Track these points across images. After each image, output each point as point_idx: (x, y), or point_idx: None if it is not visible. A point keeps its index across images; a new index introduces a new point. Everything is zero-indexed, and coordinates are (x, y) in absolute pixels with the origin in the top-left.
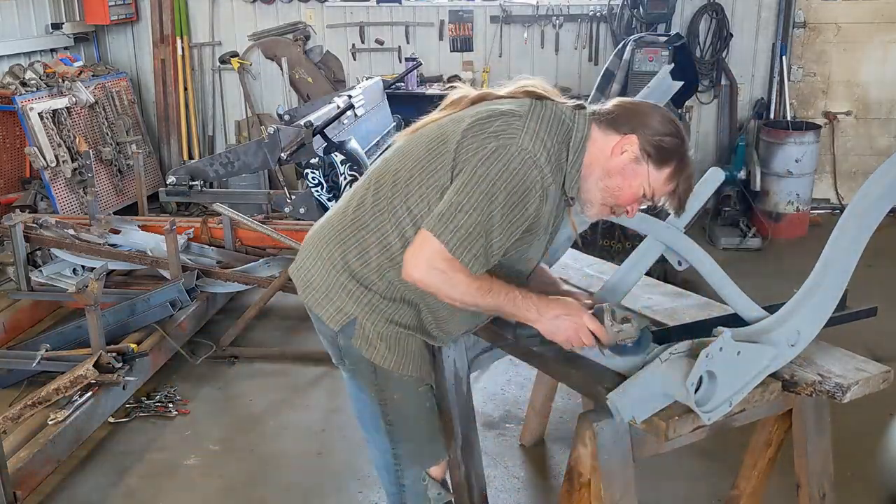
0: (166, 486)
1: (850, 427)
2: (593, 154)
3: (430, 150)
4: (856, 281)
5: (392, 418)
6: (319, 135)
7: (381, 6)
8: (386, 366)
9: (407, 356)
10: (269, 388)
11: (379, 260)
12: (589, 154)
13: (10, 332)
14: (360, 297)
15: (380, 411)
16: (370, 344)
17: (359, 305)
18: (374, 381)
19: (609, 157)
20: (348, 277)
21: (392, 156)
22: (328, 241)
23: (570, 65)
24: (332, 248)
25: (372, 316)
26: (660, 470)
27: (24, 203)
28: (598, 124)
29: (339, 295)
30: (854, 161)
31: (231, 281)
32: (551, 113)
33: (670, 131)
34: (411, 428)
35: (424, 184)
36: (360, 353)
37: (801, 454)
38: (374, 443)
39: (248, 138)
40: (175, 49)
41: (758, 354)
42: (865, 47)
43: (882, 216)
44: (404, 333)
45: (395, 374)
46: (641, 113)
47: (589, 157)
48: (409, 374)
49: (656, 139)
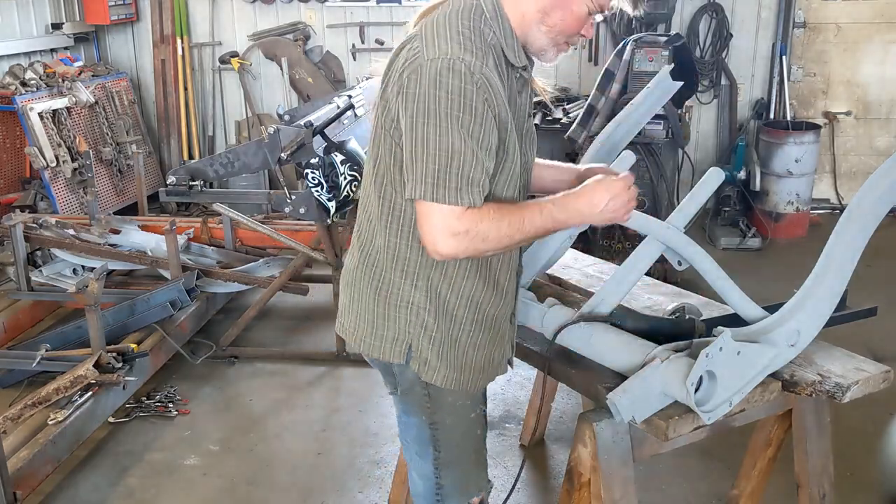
0: (166, 486)
1: (850, 427)
2: (517, 8)
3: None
4: (856, 281)
5: (441, 445)
6: (319, 135)
7: (381, 6)
8: (446, 384)
9: (466, 371)
10: (269, 388)
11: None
12: (513, 11)
13: (10, 332)
14: (406, 316)
15: (429, 436)
16: (428, 365)
17: (409, 326)
18: (426, 404)
19: None
20: (385, 302)
21: None
22: (356, 272)
23: (569, 65)
24: (362, 279)
25: (424, 335)
26: (660, 470)
27: (24, 203)
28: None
29: (387, 322)
30: (854, 161)
31: (231, 281)
32: (448, 8)
33: None
34: (460, 455)
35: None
36: (417, 377)
37: (801, 454)
38: (419, 469)
39: (248, 138)
40: (175, 49)
41: (758, 354)
42: (865, 47)
43: (882, 216)
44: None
45: (450, 398)
46: None
47: (515, 14)
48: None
49: None
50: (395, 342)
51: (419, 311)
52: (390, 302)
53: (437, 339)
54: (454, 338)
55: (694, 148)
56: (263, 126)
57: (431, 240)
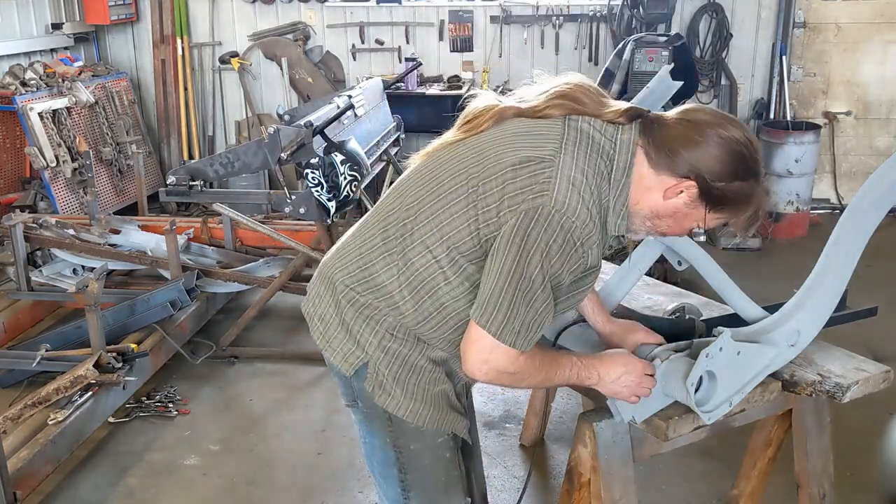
0: (166, 486)
1: (850, 427)
2: (640, 190)
3: (448, 191)
4: (856, 281)
5: (407, 468)
6: (319, 135)
7: (381, 6)
8: (401, 415)
9: (426, 404)
10: (269, 388)
11: (382, 301)
12: (635, 190)
13: (10, 332)
14: (369, 335)
15: (394, 460)
16: (384, 389)
17: (370, 346)
18: (388, 427)
19: (660, 199)
20: (355, 314)
21: (405, 186)
22: (337, 272)
23: (570, 65)
24: (340, 279)
25: (386, 358)
26: (660, 470)
27: (24, 203)
28: (648, 154)
29: (349, 333)
30: (854, 161)
31: (231, 281)
32: (588, 140)
33: (739, 174)
34: (427, 479)
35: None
36: (374, 400)
37: (801, 454)
38: (384, 491)
39: (248, 138)
40: (175, 49)
41: (758, 354)
42: (865, 47)
43: (882, 216)
44: (424, 376)
45: (412, 424)
46: (706, 147)
47: (635, 193)
48: (427, 427)
49: (720, 186)
50: (352, 354)
51: (384, 335)
52: (362, 314)
53: (397, 364)
54: (413, 364)
55: None
56: (263, 126)
57: (475, 363)
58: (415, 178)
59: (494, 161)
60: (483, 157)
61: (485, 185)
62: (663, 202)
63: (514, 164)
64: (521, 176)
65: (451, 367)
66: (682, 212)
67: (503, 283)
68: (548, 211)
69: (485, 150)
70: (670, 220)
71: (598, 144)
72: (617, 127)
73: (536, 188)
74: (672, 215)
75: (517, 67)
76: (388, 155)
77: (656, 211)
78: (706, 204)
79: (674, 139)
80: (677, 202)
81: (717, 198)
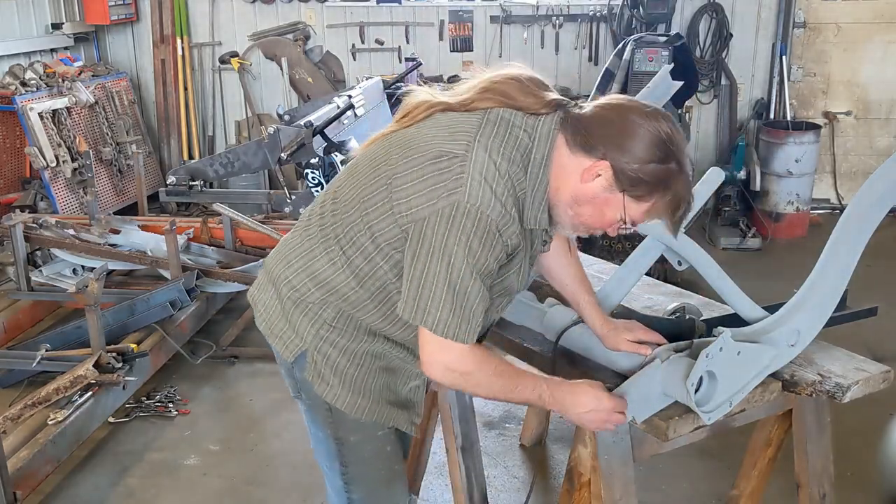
0: (166, 486)
1: (850, 427)
2: (559, 177)
3: (369, 180)
4: (856, 281)
5: (347, 460)
6: (319, 135)
7: (381, 6)
8: (339, 406)
9: (364, 396)
10: (269, 388)
11: (323, 288)
12: (555, 179)
13: (10, 332)
14: (307, 325)
15: (335, 451)
16: (322, 379)
17: (308, 335)
18: (329, 419)
19: (578, 183)
20: (294, 304)
21: (341, 179)
22: (278, 261)
23: (570, 65)
24: (280, 270)
25: (323, 346)
26: (660, 470)
27: (24, 203)
28: (567, 140)
29: (289, 322)
30: (854, 161)
31: (231, 281)
32: (504, 133)
33: (655, 157)
34: (368, 472)
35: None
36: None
37: (801, 454)
38: (330, 481)
39: (248, 138)
40: (175, 49)
41: (758, 354)
42: (865, 47)
43: (882, 216)
44: (363, 368)
45: (351, 415)
46: (622, 130)
47: (554, 181)
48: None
49: (633, 168)
50: (291, 342)
51: (322, 324)
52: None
53: (335, 353)
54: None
55: (694, 148)
56: (263, 126)
57: (427, 364)
58: (349, 171)
59: (413, 155)
60: (404, 151)
61: (400, 179)
62: (581, 186)
63: (430, 160)
64: (434, 171)
65: (393, 361)
66: (600, 197)
67: (431, 281)
68: (463, 207)
69: (408, 143)
70: (590, 208)
71: (514, 137)
72: (537, 118)
73: (451, 184)
74: (591, 201)
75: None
76: None
77: (576, 196)
78: (622, 187)
79: (591, 120)
80: (595, 186)
81: (632, 179)
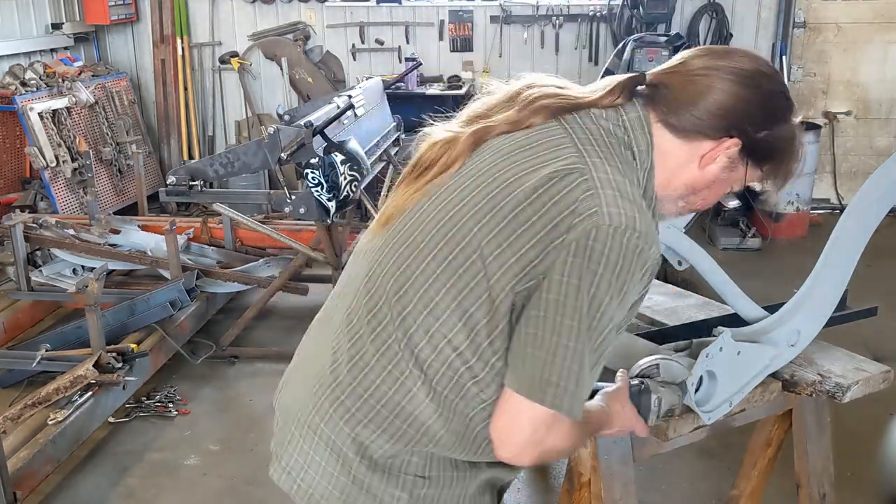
0: (166, 486)
1: (850, 427)
2: (669, 169)
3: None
4: (856, 281)
5: None
6: (319, 135)
7: (381, 6)
8: None
9: None
10: (269, 388)
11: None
12: (662, 167)
13: (10, 332)
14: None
15: None
16: None
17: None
18: None
19: (695, 170)
20: (372, 468)
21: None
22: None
23: (570, 65)
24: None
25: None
26: (660, 470)
27: (24, 203)
28: (668, 123)
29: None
30: (854, 161)
31: (231, 281)
32: (599, 132)
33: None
34: None
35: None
36: None
37: (801, 454)
38: None
39: (248, 138)
40: (175, 49)
41: (758, 354)
42: (865, 47)
43: (882, 216)
44: None
45: None
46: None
47: (663, 172)
48: None
49: (764, 135)
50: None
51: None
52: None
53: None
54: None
55: None
56: (263, 126)
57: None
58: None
59: (497, 200)
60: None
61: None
62: (700, 173)
63: (532, 191)
64: (550, 199)
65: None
66: (720, 178)
67: (563, 339)
68: (605, 232)
69: (476, 189)
70: (706, 192)
71: (612, 135)
72: (617, 109)
73: (580, 207)
74: (709, 186)
75: (517, 67)
76: (388, 155)
77: (693, 185)
78: (750, 161)
79: (693, 95)
80: (714, 168)
81: (764, 150)
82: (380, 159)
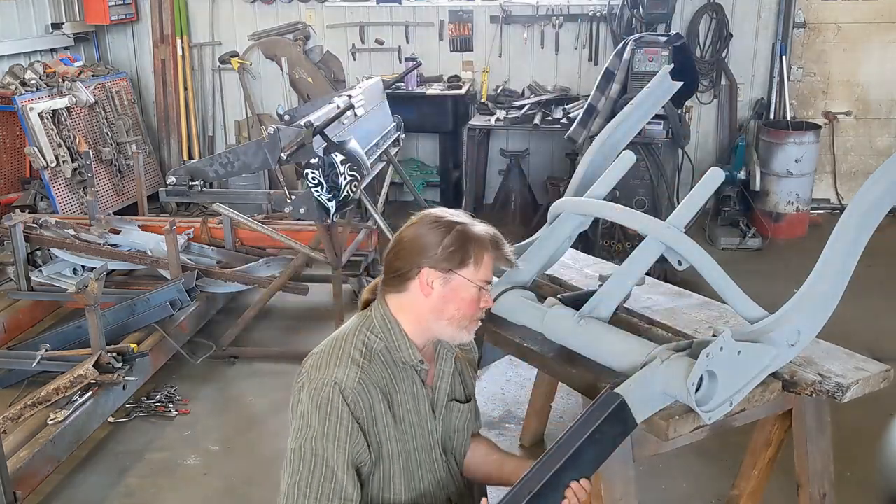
0: (166, 486)
1: (850, 427)
2: (411, 314)
3: None
4: (856, 281)
5: None
6: (319, 135)
7: (381, 6)
8: None
9: None
10: (269, 388)
11: None
12: (405, 318)
13: (10, 332)
14: None
15: None
16: None
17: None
18: None
19: (426, 302)
20: None
21: None
22: None
23: (570, 65)
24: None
25: None
26: (660, 470)
27: (24, 203)
28: (390, 292)
29: None
30: (854, 161)
31: (231, 281)
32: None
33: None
34: None
35: None
36: None
37: (801, 454)
38: None
39: (248, 138)
40: (175, 49)
41: (758, 354)
42: (865, 47)
43: (882, 216)
44: None
45: None
46: (414, 245)
47: (409, 318)
48: None
49: (441, 253)
50: None
51: None
52: None
53: None
54: None
55: (694, 148)
56: (263, 126)
57: None
58: None
59: None
60: None
61: None
62: (429, 301)
63: None
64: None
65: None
66: (448, 293)
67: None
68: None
69: None
70: (452, 305)
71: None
72: None
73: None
74: (445, 301)
75: (517, 67)
76: (388, 155)
77: (434, 311)
78: (450, 270)
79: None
80: (436, 291)
81: (447, 258)
82: (380, 159)
